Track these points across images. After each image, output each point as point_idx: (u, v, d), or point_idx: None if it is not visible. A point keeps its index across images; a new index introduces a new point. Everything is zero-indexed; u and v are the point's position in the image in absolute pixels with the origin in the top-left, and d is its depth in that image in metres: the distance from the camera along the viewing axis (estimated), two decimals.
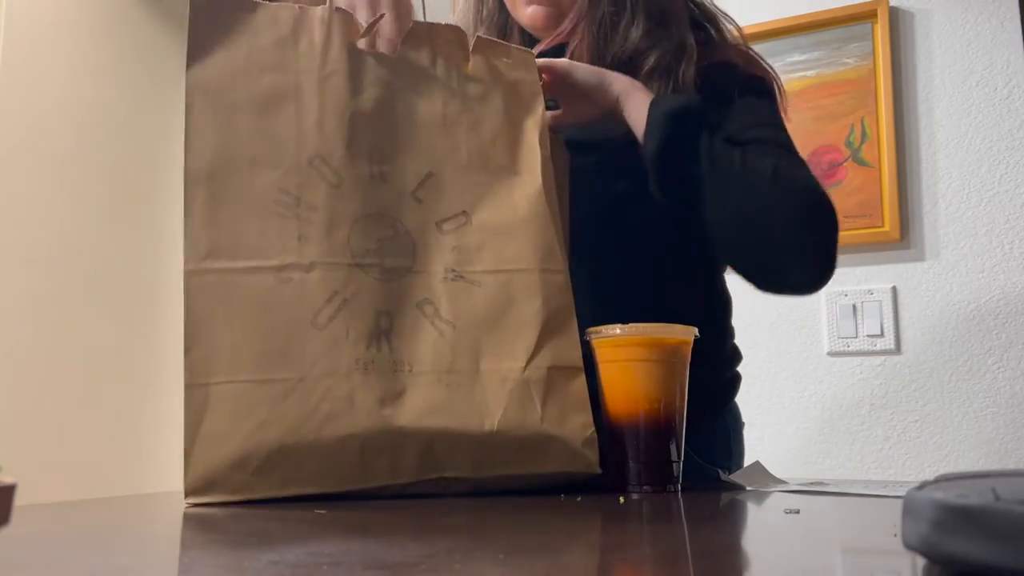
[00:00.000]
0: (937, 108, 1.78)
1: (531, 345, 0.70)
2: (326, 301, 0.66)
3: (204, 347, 0.64)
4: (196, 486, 0.62)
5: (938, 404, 1.71)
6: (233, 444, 0.62)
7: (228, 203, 0.66)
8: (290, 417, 0.63)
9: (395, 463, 0.65)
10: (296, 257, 0.66)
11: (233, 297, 0.65)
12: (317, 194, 0.68)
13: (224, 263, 0.65)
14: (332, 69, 0.71)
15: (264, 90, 0.69)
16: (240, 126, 0.68)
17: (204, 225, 0.66)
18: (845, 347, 1.78)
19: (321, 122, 0.69)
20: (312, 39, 0.71)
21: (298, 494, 0.63)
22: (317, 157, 0.69)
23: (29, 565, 0.37)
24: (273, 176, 0.68)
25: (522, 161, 0.76)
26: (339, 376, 0.64)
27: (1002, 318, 1.68)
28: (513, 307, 0.71)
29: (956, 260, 1.73)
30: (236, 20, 0.70)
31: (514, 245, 0.73)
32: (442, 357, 0.68)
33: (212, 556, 0.43)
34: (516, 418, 0.68)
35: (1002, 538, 0.29)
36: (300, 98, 0.70)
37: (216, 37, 0.69)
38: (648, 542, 0.44)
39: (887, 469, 1.71)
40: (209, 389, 0.63)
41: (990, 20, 1.76)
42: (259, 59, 0.70)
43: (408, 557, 0.39)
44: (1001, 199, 1.72)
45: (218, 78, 0.69)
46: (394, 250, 0.69)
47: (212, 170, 0.67)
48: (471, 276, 0.71)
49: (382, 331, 0.67)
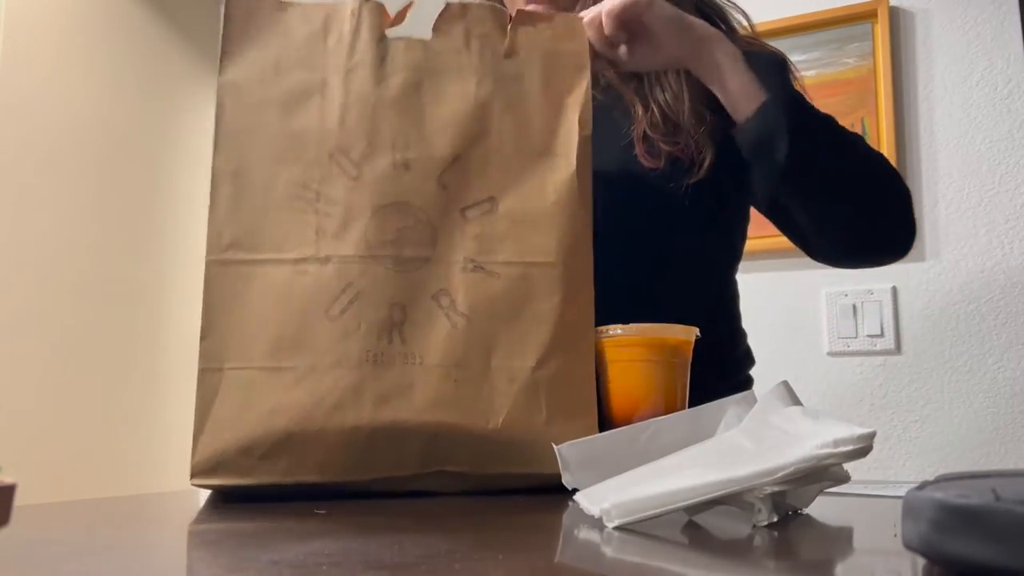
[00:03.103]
0: (937, 108, 1.78)
1: (544, 343, 0.68)
2: (340, 292, 0.67)
3: (219, 334, 0.66)
4: (202, 468, 0.63)
5: (938, 404, 1.70)
6: (242, 429, 0.63)
7: (251, 198, 0.69)
8: (298, 406, 0.64)
9: (398, 455, 0.65)
10: (313, 251, 0.68)
11: (250, 287, 0.67)
12: (336, 188, 0.69)
13: (244, 255, 0.67)
14: (358, 60, 0.72)
15: (292, 88, 0.71)
16: (267, 125, 0.70)
17: (227, 218, 0.68)
18: (845, 347, 1.78)
19: (344, 115, 0.71)
20: (341, 33, 0.72)
21: (301, 481, 0.64)
22: (337, 150, 0.70)
23: (29, 565, 0.37)
24: (295, 171, 0.69)
25: (559, 142, 0.73)
26: (349, 367, 0.65)
27: (1002, 318, 1.68)
28: (531, 302, 0.69)
29: (956, 260, 1.73)
30: (269, 20, 0.72)
31: (538, 235, 0.70)
32: (453, 351, 0.67)
33: (212, 556, 0.43)
34: (520, 419, 0.67)
35: (1002, 538, 0.29)
36: (326, 93, 0.71)
37: (249, 37, 0.71)
38: (648, 542, 0.44)
39: (887, 469, 1.71)
40: (222, 374, 0.64)
41: (990, 20, 1.76)
42: (289, 58, 0.71)
43: (408, 557, 0.39)
44: (1001, 199, 1.72)
45: (249, 78, 0.71)
46: (413, 240, 0.69)
47: (238, 168, 0.69)
48: (490, 267, 0.69)
49: (395, 323, 0.67)
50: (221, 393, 0.64)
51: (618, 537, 0.44)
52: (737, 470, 0.46)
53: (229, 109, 0.70)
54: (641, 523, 0.46)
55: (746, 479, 0.45)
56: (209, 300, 0.66)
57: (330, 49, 0.72)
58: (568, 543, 0.47)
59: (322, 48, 0.72)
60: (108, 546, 0.45)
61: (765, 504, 0.46)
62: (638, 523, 0.46)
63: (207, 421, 0.63)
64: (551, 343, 0.69)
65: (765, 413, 0.55)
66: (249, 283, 0.67)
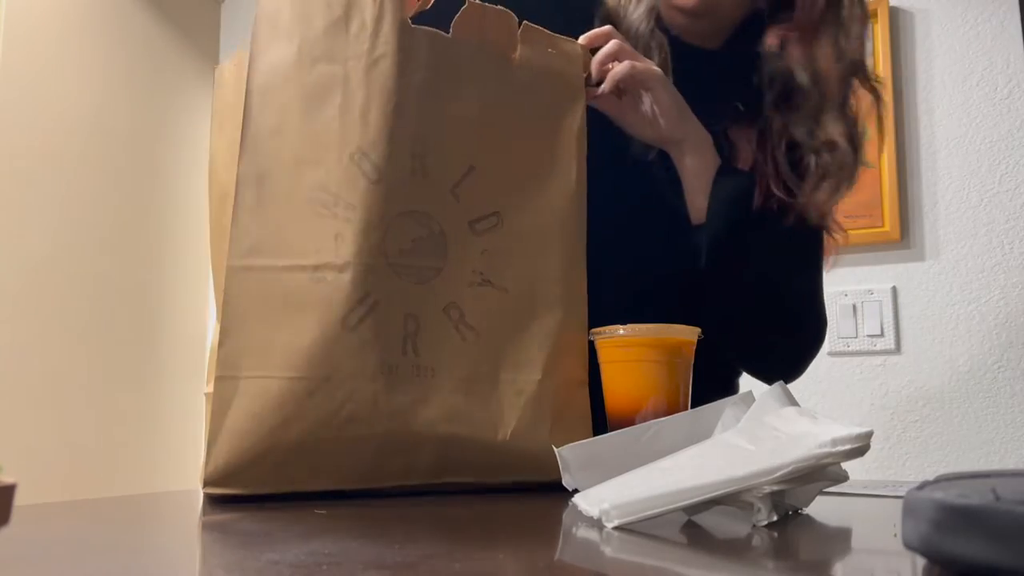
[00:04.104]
0: (937, 108, 1.78)
1: (547, 357, 0.70)
2: (358, 302, 0.65)
3: (237, 341, 0.64)
4: (216, 476, 0.62)
5: (938, 404, 1.71)
6: (255, 438, 0.62)
7: (274, 202, 0.67)
8: (313, 416, 0.63)
9: (409, 465, 0.66)
10: (332, 257, 0.66)
11: (269, 294, 0.65)
12: (356, 192, 0.67)
13: (265, 260, 0.66)
14: (381, 52, 0.69)
15: (314, 83, 0.68)
16: (290, 126, 0.68)
17: (250, 223, 0.66)
18: (845, 347, 1.78)
19: (366, 112, 0.68)
20: (363, 19, 0.69)
21: (314, 491, 0.63)
22: (359, 152, 0.67)
23: (29, 565, 0.37)
24: (316, 174, 0.67)
25: (559, 161, 0.74)
26: (365, 378, 0.64)
27: (1002, 318, 1.69)
28: (535, 318, 0.71)
29: (956, 260, 1.73)
30: (294, 11, 0.69)
31: (542, 254, 0.72)
32: (464, 364, 0.68)
33: (212, 556, 0.43)
34: (528, 431, 0.68)
35: (1002, 538, 0.29)
36: (348, 87, 0.68)
37: (277, 33, 0.69)
38: (648, 542, 0.44)
39: (887, 469, 1.71)
40: (238, 382, 0.63)
41: (990, 20, 1.76)
42: (311, 50, 0.69)
43: (408, 557, 0.39)
44: (1001, 199, 1.72)
45: (273, 79, 0.68)
46: (427, 250, 0.69)
47: (262, 172, 0.67)
48: (498, 282, 0.70)
49: (408, 334, 0.67)
50: (236, 401, 0.63)
51: (618, 537, 0.44)
52: (736, 470, 0.46)
53: (255, 115, 0.67)
54: (641, 523, 0.46)
55: (745, 479, 0.45)
56: (228, 306, 0.65)
57: (352, 37, 0.69)
58: (568, 543, 0.47)
59: (344, 37, 0.69)
60: (108, 546, 0.45)
61: (764, 504, 0.46)
62: (637, 523, 0.46)
63: (221, 429, 0.62)
64: (554, 357, 0.71)
65: (762, 414, 0.55)
66: (267, 289, 0.65)
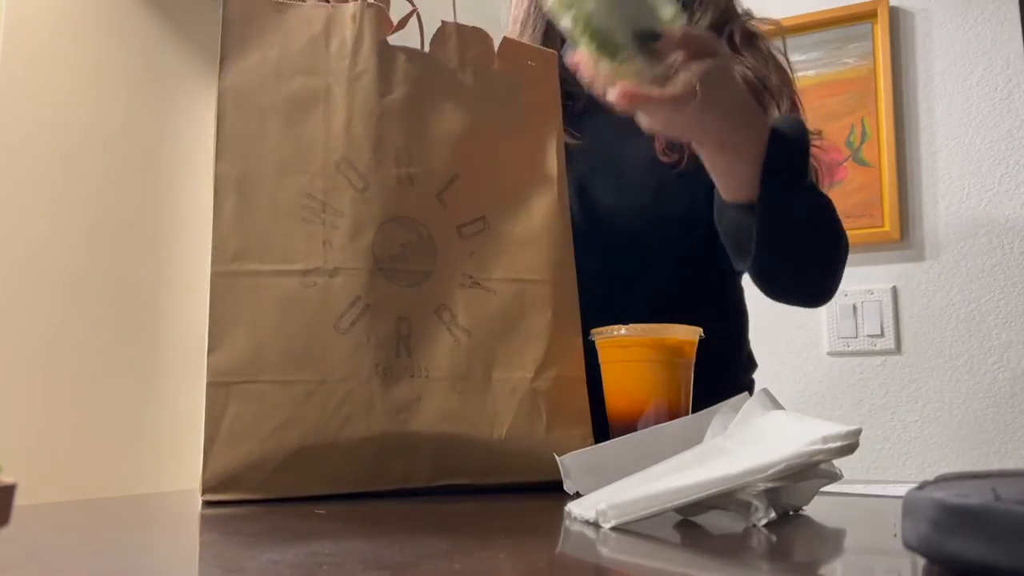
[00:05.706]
0: (937, 108, 1.78)
1: (540, 356, 0.71)
2: (349, 306, 0.66)
3: (228, 347, 0.64)
4: (213, 483, 0.62)
5: (938, 404, 1.70)
6: (252, 444, 0.63)
7: (256, 207, 0.67)
8: (310, 419, 0.64)
9: (409, 467, 0.66)
10: (321, 262, 0.67)
11: (258, 299, 0.65)
12: (343, 199, 0.68)
13: (251, 265, 0.66)
14: (362, 69, 0.71)
15: (294, 93, 0.69)
16: (270, 132, 0.68)
17: (233, 228, 0.66)
18: (845, 347, 1.78)
19: (349, 124, 0.70)
20: (343, 37, 0.71)
21: (313, 495, 0.63)
22: (344, 161, 0.69)
23: (29, 565, 0.37)
24: (300, 181, 0.68)
25: (540, 168, 0.77)
26: (359, 380, 0.65)
27: (1002, 318, 1.68)
28: (525, 317, 0.72)
29: (956, 260, 1.73)
30: (269, 22, 0.70)
31: (529, 255, 0.74)
32: (457, 364, 0.69)
33: (212, 556, 0.43)
34: (523, 428, 0.69)
35: (1002, 538, 0.29)
36: (329, 100, 0.70)
37: (249, 41, 0.69)
38: (646, 541, 0.44)
39: (887, 469, 1.71)
40: (231, 389, 0.63)
41: (990, 20, 1.76)
42: (290, 62, 0.70)
43: (408, 557, 0.39)
44: (1001, 199, 1.72)
45: (250, 83, 0.69)
46: (416, 255, 0.70)
47: (242, 175, 0.67)
48: (487, 284, 0.72)
49: (401, 337, 0.68)
50: (231, 408, 0.63)
51: (616, 537, 0.44)
52: (731, 468, 0.46)
53: (230, 115, 0.68)
54: (638, 523, 0.46)
55: (739, 476, 0.46)
56: (216, 312, 0.65)
57: (332, 54, 0.71)
58: (567, 543, 0.47)
59: (324, 53, 0.70)
60: (108, 546, 0.45)
61: (761, 502, 0.46)
62: (635, 523, 0.46)
63: (217, 436, 0.62)
64: (546, 355, 0.72)
65: (749, 418, 0.55)
66: (256, 294, 0.65)
